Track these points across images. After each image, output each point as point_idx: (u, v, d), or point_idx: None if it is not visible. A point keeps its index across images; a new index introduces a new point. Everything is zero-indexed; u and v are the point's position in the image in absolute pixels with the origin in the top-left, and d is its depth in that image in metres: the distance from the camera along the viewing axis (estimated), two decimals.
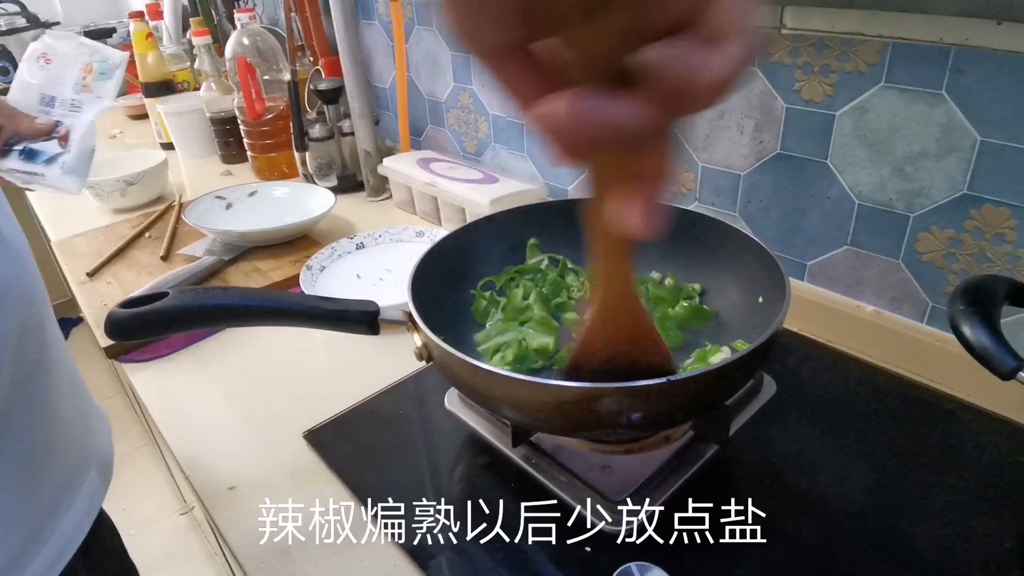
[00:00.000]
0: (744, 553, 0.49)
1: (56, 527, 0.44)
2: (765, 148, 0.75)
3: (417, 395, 0.68)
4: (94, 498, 0.49)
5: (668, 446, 0.57)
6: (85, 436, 0.50)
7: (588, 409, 0.44)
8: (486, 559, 0.50)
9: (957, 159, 0.61)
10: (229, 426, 0.66)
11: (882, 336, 0.71)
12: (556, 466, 0.55)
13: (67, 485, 0.46)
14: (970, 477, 0.55)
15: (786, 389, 0.64)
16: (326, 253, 0.93)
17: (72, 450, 0.47)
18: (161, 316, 0.45)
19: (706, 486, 0.55)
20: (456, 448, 0.61)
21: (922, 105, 0.62)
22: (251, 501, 0.56)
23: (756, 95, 0.74)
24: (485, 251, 0.70)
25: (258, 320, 0.49)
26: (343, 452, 0.61)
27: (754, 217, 0.80)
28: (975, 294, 0.41)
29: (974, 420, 0.61)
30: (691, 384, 0.45)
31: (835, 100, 0.68)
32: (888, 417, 0.62)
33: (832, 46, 0.66)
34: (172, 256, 1.00)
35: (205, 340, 0.80)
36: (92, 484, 0.49)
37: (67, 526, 0.45)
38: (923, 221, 0.66)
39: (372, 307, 0.52)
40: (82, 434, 0.49)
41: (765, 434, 0.60)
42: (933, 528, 0.50)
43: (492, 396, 0.49)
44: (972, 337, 0.37)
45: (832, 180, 0.71)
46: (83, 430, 0.50)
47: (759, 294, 0.62)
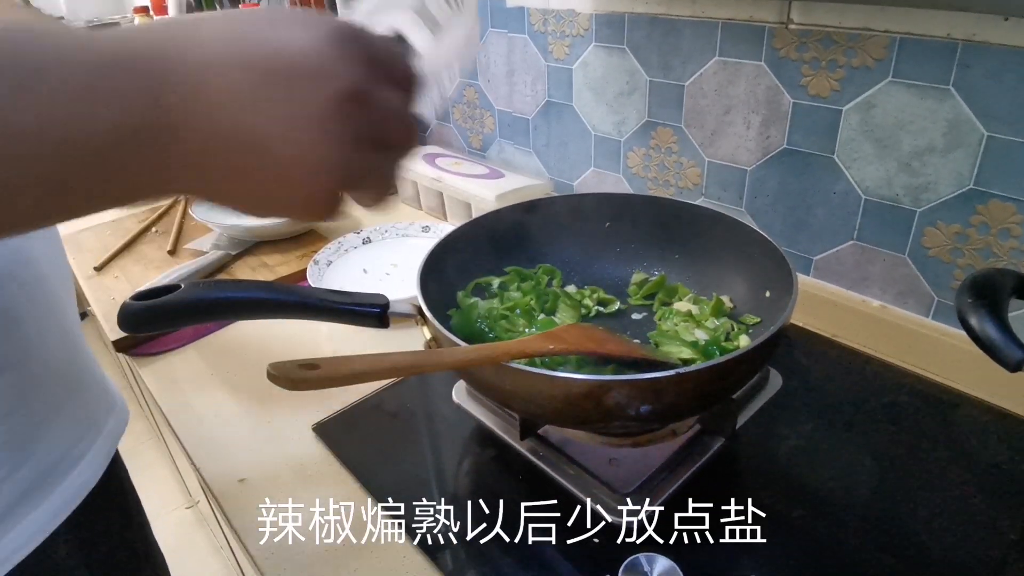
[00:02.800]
0: (750, 546, 0.49)
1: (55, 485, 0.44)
2: (772, 143, 0.76)
3: (424, 388, 0.69)
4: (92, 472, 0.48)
5: (675, 439, 0.57)
6: (85, 407, 0.49)
7: (597, 401, 0.45)
8: (495, 551, 0.50)
9: (964, 154, 0.61)
10: (238, 419, 0.66)
11: (888, 331, 0.71)
12: (564, 459, 0.56)
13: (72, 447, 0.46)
14: (975, 471, 0.55)
15: (792, 383, 0.65)
16: (333, 248, 0.94)
17: (69, 416, 0.46)
18: (174, 308, 0.45)
19: (713, 479, 0.55)
20: (463, 441, 0.62)
21: (929, 100, 0.62)
22: (261, 493, 0.57)
23: (763, 90, 0.74)
24: (492, 246, 0.71)
25: (269, 313, 0.50)
26: (352, 445, 0.61)
27: (760, 212, 0.80)
28: (982, 287, 0.41)
29: (979, 414, 0.61)
30: (699, 377, 0.45)
31: (842, 95, 0.68)
32: (893, 411, 0.62)
33: (839, 41, 0.66)
34: (179, 250, 1.01)
35: (213, 334, 0.80)
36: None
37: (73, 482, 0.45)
38: (929, 216, 0.66)
39: (382, 300, 0.52)
40: (80, 405, 0.48)
41: (771, 428, 0.60)
42: (938, 521, 0.51)
43: (502, 389, 0.49)
44: (979, 329, 0.38)
45: (839, 175, 0.71)
46: (81, 401, 0.49)
47: (766, 288, 0.62)
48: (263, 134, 0.24)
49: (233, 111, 0.23)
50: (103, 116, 0.22)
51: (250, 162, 0.24)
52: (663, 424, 0.57)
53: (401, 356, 0.41)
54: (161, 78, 0.23)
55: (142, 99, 0.22)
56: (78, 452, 0.47)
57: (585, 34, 0.91)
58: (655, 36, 0.82)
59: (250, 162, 0.24)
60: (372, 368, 0.39)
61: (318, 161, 0.25)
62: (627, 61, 0.87)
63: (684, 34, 0.79)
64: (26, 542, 0.42)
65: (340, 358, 0.38)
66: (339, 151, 0.25)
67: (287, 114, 0.24)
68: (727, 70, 0.77)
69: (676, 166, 0.88)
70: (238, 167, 0.24)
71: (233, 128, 0.23)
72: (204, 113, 0.23)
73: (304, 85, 0.24)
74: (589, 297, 0.69)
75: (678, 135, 0.85)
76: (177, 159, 0.24)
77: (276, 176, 0.25)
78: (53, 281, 0.46)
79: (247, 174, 0.25)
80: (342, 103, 0.24)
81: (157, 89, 0.23)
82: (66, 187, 0.22)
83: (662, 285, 0.70)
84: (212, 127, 0.23)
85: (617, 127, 0.93)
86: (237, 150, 0.24)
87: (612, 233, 0.74)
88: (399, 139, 0.28)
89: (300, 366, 0.36)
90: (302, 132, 0.24)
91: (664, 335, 0.62)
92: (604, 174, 0.98)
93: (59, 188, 0.22)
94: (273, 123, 0.24)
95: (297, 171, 0.25)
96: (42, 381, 0.43)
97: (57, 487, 0.45)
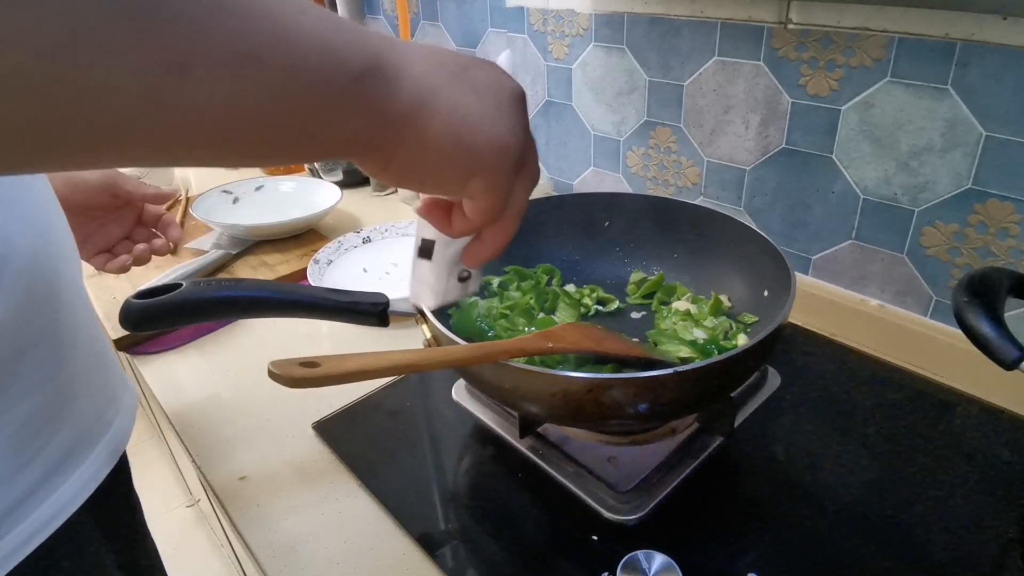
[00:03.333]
0: (747, 543, 0.50)
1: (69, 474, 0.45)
2: (770, 143, 0.76)
3: (424, 387, 0.69)
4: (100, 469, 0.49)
5: (674, 438, 0.57)
6: (103, 402, 0.50)
7: (596, 400, 0.45)
8: (493, 548, 0.50)
9: (962, 154, 0.62)
10: (239, 417, 0.66)
11: (886, 330, 0.71)
12: (563, 457, 0.56)
13: (82, 439, 0.47)
14: (972, 469, 0.55)
15: (790, 382, 0.65)
16: (333, 247, 0.94)
17: (86, 410, 0.48)
18: (176, 307, 0.45)
19: (711, 477, 0.55)
20: (463, 439, 0.62)
21: (928, 100, 0.62)
22: (262, 490, 0.57)
23: (762, 90, 0.74)
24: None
25: (271, 312, 0.50)
26: (352, 443, 0.61)
27: (759, 211, 0.81)
28: (979, 286, 0.41)
29: (976, 413, 0.62)
30: (697, 375, 0.45)
31: (840, 95, 0.68)
32: (891, 410, 0.63)
33: (838, 41, 0.66)
34: (180, 250, 1.01)
35: (213, 332, 0.80)
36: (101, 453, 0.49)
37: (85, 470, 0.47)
38: (928, 215, 0.66)
39: (382, 299, 0.52)
40: (100, 399, 0.50)
41: (769, 426, 0.61)
42: (936, 519, 0.51)
43: (501, 387, 0.49)
44: (976, 327, 0.38)
45: (837, 175, 0.71)
46: (102, 394, 0.50)
47: (764, 288, 0.62)
48: (472, 107, 0.30)
49: (448, 92, 0.29)
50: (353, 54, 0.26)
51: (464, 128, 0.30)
52: (662, 422, 0.57)
53: (401, 355, 0.41)
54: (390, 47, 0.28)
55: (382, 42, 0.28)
56: (101, 426, 0.49)
57: (584, 34, 0.91)
58: (654, 36, 0.83)
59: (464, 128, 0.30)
60: (372, 366, 0.39)
61: (511, 128, 0.32)
62: (626, 61, 0.87)
63: (683, 34, 0.79)
64: (58, 512, 0.44)
65: (340, 356, 0.39)
66: (523, 131, 0.33)
67: (491, 100, 0.31)
68: (726, 70, 0.77)
69: (675, 165, 0.88)
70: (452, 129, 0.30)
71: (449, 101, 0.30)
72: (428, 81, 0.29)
73: (497, 83, 0.32)
74: (588, 296, 0.70)
75: (677, 135, 0.86)
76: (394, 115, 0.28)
77: (483, 139, 0.31)
78: (73, 258, 0.48)
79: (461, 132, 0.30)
80: (522, 99, 0.33)
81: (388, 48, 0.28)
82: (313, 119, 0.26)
83: (661, 284, 0.70)
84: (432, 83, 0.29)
85: (616, 127, 0.93)
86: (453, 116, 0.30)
87: (611, 232, 0.74)
88: (535, 160, 0.35)
89: (301, 364, 0.37)
90: (502, 110, 0.31)
91: (663, 334, 0.63)
92: (603, 173, 0.99)
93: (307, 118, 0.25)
94: (477, 101, 0.30)
95: (499, 132, 0.31)
96: (72, 354, 0.46)
97: (86, 459, 0.47)
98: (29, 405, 0.42)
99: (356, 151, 0.29)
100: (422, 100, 0.28)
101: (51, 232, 0.46)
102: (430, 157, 0.30)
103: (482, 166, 0.31)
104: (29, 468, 0.43)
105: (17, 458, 0.42)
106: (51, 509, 0.44)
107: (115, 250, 0.64)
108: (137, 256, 0.64)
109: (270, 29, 0.23)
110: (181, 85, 0.21)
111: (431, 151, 0.30)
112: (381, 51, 0.27)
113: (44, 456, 0.44)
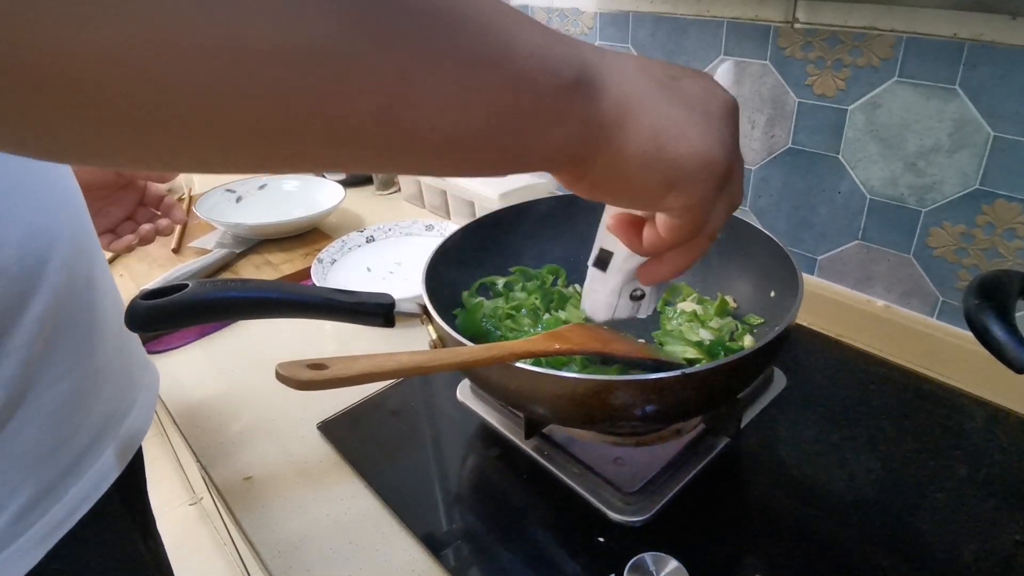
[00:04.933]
0: (754, 545, 0.50)
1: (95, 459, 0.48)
2: (776, 142, 0.75)
3: (429, 387, 0.69)
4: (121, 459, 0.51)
5: (680, 439, 0.57)
6: (128, 388, 0.53)
7: (603, 401, 0.45)
8: (499, 549, 0.50)
9: (969, 154, 0.61)
10: (243, 417, 0.66)
11: (892, 331, 0.71)
12: (568, 458, 0.56)
13: (105, 427, 0.49)
14: (979, 471, 0.55)
15: (796, 383, 0.65)
16: (337, 246, 0.94)
17: (113, 395, 0.50)
18: (183, 307, 0.45)
19: (718, 478, 0.55)
20: (468, 440, 0.62)
21: (935, 100, 0.62)
22: (267, 491, 0.57)
23: (768, 89, 0.74)
24: (496, 246, 0.71)
25: (276, 312, 0.50)
26: (357, 443, 0.61)
27: (765, 211, 0.80)
28: (990, 288, 0.41)
29: (983, 414, 0.61)
30: (704, 377, 0.45)
31: (847, 95, 0.68)
32: (897, 411, 0.62)
33: (845, 40, 0.66)
34: (184, 249, 1.01)
35: (217, 332, 0.80)
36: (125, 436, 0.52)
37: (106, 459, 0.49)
38: (935, 216, 0.66)
39: (388, 300, 0.52)
40: (125, 385, 0.53)
41: (776, 427, 0.60)
42: (942, 521, 0.51)
43: (507, 388, 0.49)
44: (989, 331, 0.38)
45: (843, 175, 0.71)
46: (127, 375, 0.53)
47: (771, 288, 0.62)
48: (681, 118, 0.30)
49: (652, 100, 0.29)
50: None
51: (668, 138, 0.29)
52: (668, 424, 0.57)
53: (409, 356, 0.41)
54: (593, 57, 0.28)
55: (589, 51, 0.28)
56: (127, 405, 0.52)
57: (589, 32, 0.91)
58: (660, 35, 0.82)
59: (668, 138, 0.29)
60: (379, 368, 0.39)
61: (720, 140, 0.30)
62: None
63: (689, 33, 0.79)
64: (97, 485, 0.47)
65: (348, 358, 0.38)
66: (732, 145, 0.31)
67: (699, 110, 0.30)
68: (732, 69, 0.76)
69: None
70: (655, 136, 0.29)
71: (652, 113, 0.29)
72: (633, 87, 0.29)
73: (709, 94, 0.32)
74: None
75: None
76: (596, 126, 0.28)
77: (687, 149, 0.29)
78: (97, 248, 0.51)
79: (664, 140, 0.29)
80: (734, 113, 0.32)
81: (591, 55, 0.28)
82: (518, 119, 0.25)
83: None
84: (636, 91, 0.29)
85: None
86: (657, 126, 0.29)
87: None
88: (741, 179, 0.34)
89: (308, 366, 0.36)
90: (711, 121, 0.31)
91: (669, 335, 0.63)
92: None
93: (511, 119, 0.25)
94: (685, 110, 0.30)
95: (705, 142, 0.30)
96: (104, 334, 0.48)
97: (116, 436, 0.50)
98: (69, 383, 0.44)
99: (557, 162, 0.29)
100: (627, 108, 0.28)
101: (85, 217, 0.48)
102: (630, 167, 0.29)
103: (683, 178, 0.30)
104: (69, 443, 0.45)
105: (58, 433, 0.44)
106: (89, 483, 0.47)
107: (119, 230, 0.65)
108: (143, 236, 0.64)
109: (495, 45, 0.24)
110: (410, 95, 0.21)
111: (631, 160, 0.29)
112: (591, 60, 0.27)
113: (81, 433, 0.46)
